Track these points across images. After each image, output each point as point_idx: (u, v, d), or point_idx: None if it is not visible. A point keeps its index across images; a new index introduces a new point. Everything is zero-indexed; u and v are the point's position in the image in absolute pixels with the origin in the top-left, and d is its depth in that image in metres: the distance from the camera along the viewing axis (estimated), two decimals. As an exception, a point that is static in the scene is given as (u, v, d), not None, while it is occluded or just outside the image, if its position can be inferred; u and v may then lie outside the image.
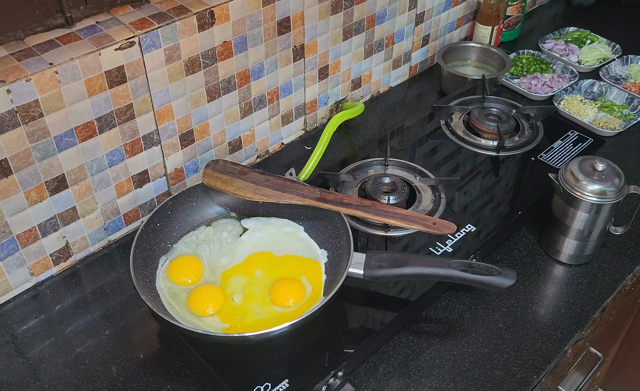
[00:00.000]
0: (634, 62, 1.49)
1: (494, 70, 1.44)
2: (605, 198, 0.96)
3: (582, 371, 1.25)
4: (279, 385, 0.78)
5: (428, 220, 0.91)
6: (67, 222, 0.95)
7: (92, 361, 0.87)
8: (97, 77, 0.87)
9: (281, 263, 0.93)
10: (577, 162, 1.00)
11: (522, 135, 1.22)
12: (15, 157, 0.84)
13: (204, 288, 0.89)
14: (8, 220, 0.88)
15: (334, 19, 1.18)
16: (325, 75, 1.25)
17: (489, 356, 0.88)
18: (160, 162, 1.04)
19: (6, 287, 0.93)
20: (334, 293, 0.81)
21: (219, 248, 0.95)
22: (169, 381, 0.84)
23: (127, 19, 0.92)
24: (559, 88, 1.38)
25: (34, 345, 0.89)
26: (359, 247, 0.98)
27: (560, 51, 1.53)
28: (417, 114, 1.30)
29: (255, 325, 0.84)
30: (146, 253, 0.90)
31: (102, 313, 0.94)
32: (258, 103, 1.15)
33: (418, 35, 1.43)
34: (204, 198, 1.00)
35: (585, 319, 0.93)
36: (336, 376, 0.80)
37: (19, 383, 0.84)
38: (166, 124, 1.00)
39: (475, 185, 1.11)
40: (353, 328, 0.88)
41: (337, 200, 0.93)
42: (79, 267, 1.01)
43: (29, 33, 0.87)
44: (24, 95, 0.81)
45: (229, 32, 1.01)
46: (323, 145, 1.17)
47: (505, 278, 0.81)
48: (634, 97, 1.34)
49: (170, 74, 0.96)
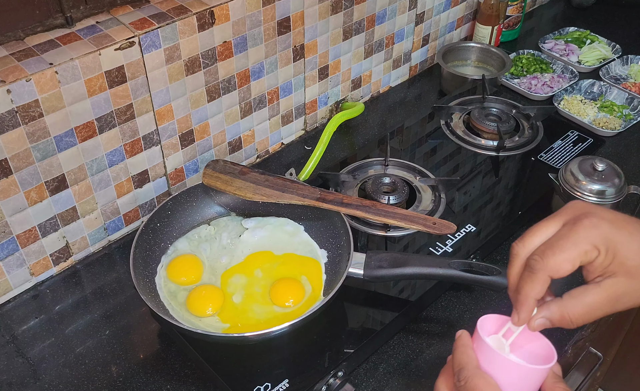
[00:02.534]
0: (634, 62, 1.49)
1: (494, 70, 1.44)
2: (605, 198, 0.96)
3: (582, 371, 1.25)
4: (279, 385, 0.78)
5: (428, 220, 0.91)
6: (67, 222, 0.95)
7: (92, 361, 0.87)
8: (97, 77, 0.87)
9: (281, 262, 0.93)
10: (577, 162, 1.00)
11: (522, 135, 1.22)
12: (15, 157, 0.84)
13: (203, 289, 0.89)
14: (8, 220, 0.88)
15: (334, 19, 1.18)
16: (325, 75, 1.25)
17: (489, 356, 0.88)
18: (160, 162, 1.04)
19: (6, 287, 0.93)
20: (334, 293, 0.81)
21: (219, 248, 0.95)
22: (169, 381, 0.84)
23: (127, 19, 0.92)
24: (559, 88, 1.38)
25: (34, 345, 0.89)
26: (359, 247, 0.98)
27: (560, 51, 1.53)
28: (417, 114, 1.30)
29: (255, 325, 0.84)
30: (146, 253, 0.90)
31: (102, 313, 0.94)
32: (258, 103, 1.15)
33: (418, 35, 1.43)
34: (204, 198, 1.00)
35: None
36: (336, 376, 0.80)
37: (19, 383, 0.84)
38: (166, 124, 1.00)
39: (475, 185, 1.11)
40: (353, 328, 0.88)
41: (337, 200, 0.93)
42: (79, 267, 1.01)
43: (29, 33, 0.87)
44: (24, 95, 0.81)
45: (229, 32, 1.01)
46: (323, 145, 1.17)
47: (505, 278, 0.81)
48: (634, 97, 1.34)
49: (170, 74, 0.96)
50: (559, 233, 0.57)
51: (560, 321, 0.57)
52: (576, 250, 0.55)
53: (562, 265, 0.55)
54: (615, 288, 0.56)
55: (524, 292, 0.57)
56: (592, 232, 0.55)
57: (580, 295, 0.57)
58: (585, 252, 0.55)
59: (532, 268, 0.56)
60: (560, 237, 0.56)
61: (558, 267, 0.55)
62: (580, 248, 0.55)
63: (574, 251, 0.55)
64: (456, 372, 0.58)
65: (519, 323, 0.58)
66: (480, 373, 0.57)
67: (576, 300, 0.57)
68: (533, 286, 0.56)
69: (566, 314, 0.57)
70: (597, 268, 0.56)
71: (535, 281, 0.56)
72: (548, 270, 0.55)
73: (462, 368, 0.58)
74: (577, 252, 0.55)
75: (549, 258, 0.55)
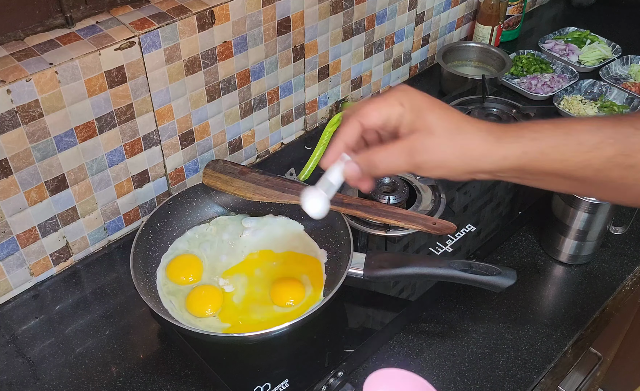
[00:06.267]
0: (634, 62, 1.49)
1: (494, 70, 1.44)
2: (605, 198, 0.96)
3: (582, 371, 1.25)
4: (279, 385, 0.78)
5: (428, 220, 0.91)
6: (67, 222, 0.95)
7: (92, 361, 0.87)
8: (97, 77, 0.87)
9: (281, 261, 0.93)
10: (577, 162, 1.00)
11: (522, 135, 1.22)
12: (15, 157, 0.84)
13: (202, 289, 0.89)
14: (8, 220, 0.88)
15: (334, 19, 1.18)
16: (325, 75, 1.25)
17: (489, 356, 0.88)
18: (160, 162, 1.04)
19: (6, 287, 0.93)
20: (334, 293, 0.81)
21: (219, 248, 0.95)
22: (169, 381, 0.84)
23: (127, 19, 0.92)
24: (559, 88, 1.38)
25: (34, 345, 0.89)
26: (359, 247, 0.98)
27: (560, 51, 1.53)
28: (417, 114, 1.30)
29: (255, 325, 0.84)
30: (146, 253, 0.90)
31: (102, 313, 0.94)
32: (258, 103, 1.15)
33: (418, 35, 1.43)
34: (204, 198, 1.00)
35: (585, 319, 0.93)
36: (336, 376, 0.80)
37: (19, 383, 0.84)
38: (166, 124, 1.00)
39: (475, 185, 1.11)
40: (353, 328, 0.88)
41: (337, 200, 0.93)
42: (79, 267, 1.01)
43: (29, 33, 0.87)
44: (24, 95, 0.81)
45: (229, 32, 1.01)
46: (323, 145, 1.17)
47: (505, 278, 0.81)
48: (634, 97, 1.34)
49: (170, 74, 0.96)
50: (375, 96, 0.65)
51: (367, 165, 0.63)
52: (384, 102, 0.62)
53: (370, 113, 0.63)
54: (415, 140, 0.61)
55: (336, 135, 0.64)
56: (400, 93, 0.63)
57: (385, 144, 0.63)
58: (390, 105, 0.62)
59: (347, 116, 0.64)
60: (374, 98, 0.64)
61: (367, 113, 0.63)
62: (387, 102, 0.62)
63: (381, 103, 0.63)
64: None
65: (325, 163, 0.65)
66: None
67: (381, 147, 0.63)
68: (344, 129, 0.64)
69: (371, 157, 0.63)
70: (404, 124, 0.62)
71: (346, 125, 0.64)
72: (358, 116, 0.63)
73: None
74: (384, 104, 0.62)
75: (361, 108, 0.63)
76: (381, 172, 0.63)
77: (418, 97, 0.63)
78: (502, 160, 0.60)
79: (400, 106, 0.62)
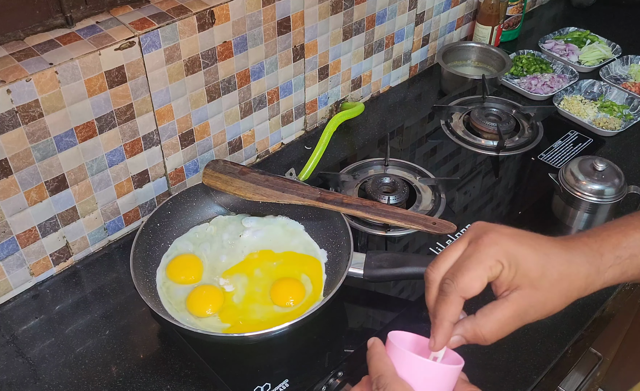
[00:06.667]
0: (634, 62, 1.49)
1: (494, 70, 1.44)
2: (605, 198, 0.96)
3: (582, 371, 1.25)
4: (279, 385, 0.78)
5: (428, 220, 0.91)
6: (67, 222, 0.95)
7: (92, 361, 0.87)
8: (97, 77, 0.87)
9: (281, 261, 0.93)
10: (577, 162, 1.00)
11: (522, 135, 1.22)
12: (15, 157, 0.84)
13: (202, 290, 0.89)
14: (8, 220, 0.88)
15: (334, 19, 1.18)
16: (325, 75, 1.25)
17: (489, 356, 0.88)
18: (160, 162, 1.04)
19: (6, 287, 0.93)
20: (334, 293, 0.81)
21: (219, 248, 0.95)
22: (169, 381, 0.84)
23: (127, 19, 0.92)
24: (559, 88, 1.38)
25: (34, 345, 0.89)
26: (359, 247, 0.98)
27: (560, 51, 1.53)
28: (417, 114, 1.30)
29: (255, 325, 0.84)
30: (146, 253, 0.90)
31: (102, 313, 0.94)
32: (258, 103, 1.15)
33: (418, 35, 1.43)
34: (204, 198, 1.00)
35: (585, 319, 0.93)
36: (336, 376, 0.80)
37: (19, 383, 0.84)
38: (166, 124, 1.00)
39: (475, 185, 1.11)
40: (353, 328, 0.88)
41: (337, 200, 0.93)
42: (79, 267, 1.01)
43: (29, 33, 0.87)
44: (24, 95, 0.81)
45: (229, 32, 1.01)
46: (323, 145, 1.17)
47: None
48: (634, 97, 1.34)
49: (170, 74, 0.96)
50: (464, 254, 0.59)
51: (474, 339, 0.59)
52: (481, 266, 0.57)
53: (472, 284, 0.57)
54: (521, 300, 0.58)
55: (439, 315, 0.58)
56: (494, 248, 0.57)
57: (490, 312, 0.59)
58: (490, 268, 0.57)
59: (445, 291, 0.58)
60: (466, 257, 0.59)
61: (468, 286, 0.57)
62: (485, 265, 0.57)
63: (479, 268, 0.57)
64: (374, 380, 0.58)
65: (435, 347, 0.59)
66: (398, 379, 0.57)
67: (487, 317, 0.58)
68: (447, 308, 0.58)
69: (479, 331, 0.59)
70: (504, 282, 0.58)
71: (449, 303, 0.58)
72: (459, 291, 0.57)
73: (381, 375, 0.58)
74: (482, 269, 0.57)
75: (459, 279, 0.57)
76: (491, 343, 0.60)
77: (511, 245, 0.58)
78: (602, 285, 0.61)
79: (499, 265, 0.57)
